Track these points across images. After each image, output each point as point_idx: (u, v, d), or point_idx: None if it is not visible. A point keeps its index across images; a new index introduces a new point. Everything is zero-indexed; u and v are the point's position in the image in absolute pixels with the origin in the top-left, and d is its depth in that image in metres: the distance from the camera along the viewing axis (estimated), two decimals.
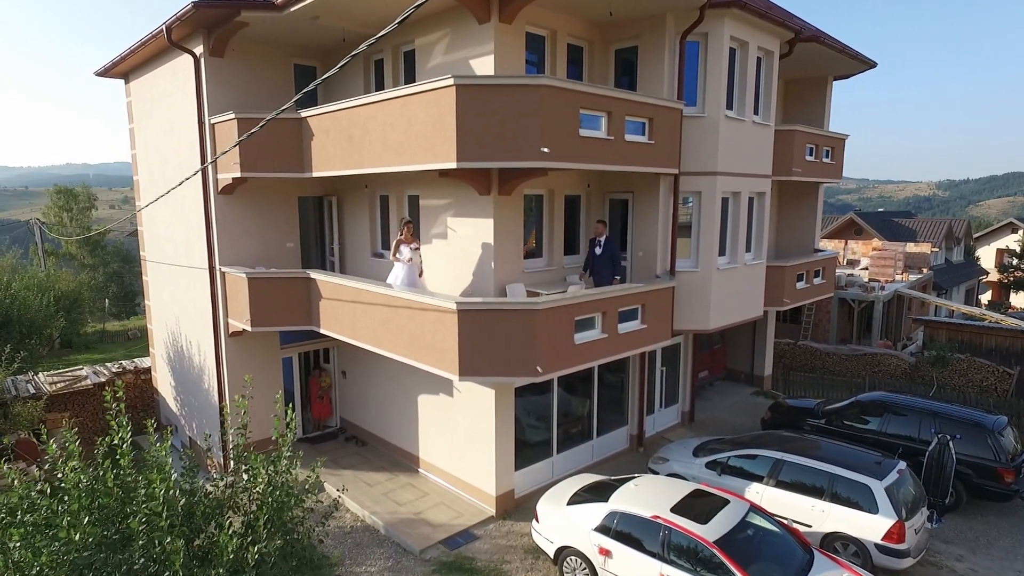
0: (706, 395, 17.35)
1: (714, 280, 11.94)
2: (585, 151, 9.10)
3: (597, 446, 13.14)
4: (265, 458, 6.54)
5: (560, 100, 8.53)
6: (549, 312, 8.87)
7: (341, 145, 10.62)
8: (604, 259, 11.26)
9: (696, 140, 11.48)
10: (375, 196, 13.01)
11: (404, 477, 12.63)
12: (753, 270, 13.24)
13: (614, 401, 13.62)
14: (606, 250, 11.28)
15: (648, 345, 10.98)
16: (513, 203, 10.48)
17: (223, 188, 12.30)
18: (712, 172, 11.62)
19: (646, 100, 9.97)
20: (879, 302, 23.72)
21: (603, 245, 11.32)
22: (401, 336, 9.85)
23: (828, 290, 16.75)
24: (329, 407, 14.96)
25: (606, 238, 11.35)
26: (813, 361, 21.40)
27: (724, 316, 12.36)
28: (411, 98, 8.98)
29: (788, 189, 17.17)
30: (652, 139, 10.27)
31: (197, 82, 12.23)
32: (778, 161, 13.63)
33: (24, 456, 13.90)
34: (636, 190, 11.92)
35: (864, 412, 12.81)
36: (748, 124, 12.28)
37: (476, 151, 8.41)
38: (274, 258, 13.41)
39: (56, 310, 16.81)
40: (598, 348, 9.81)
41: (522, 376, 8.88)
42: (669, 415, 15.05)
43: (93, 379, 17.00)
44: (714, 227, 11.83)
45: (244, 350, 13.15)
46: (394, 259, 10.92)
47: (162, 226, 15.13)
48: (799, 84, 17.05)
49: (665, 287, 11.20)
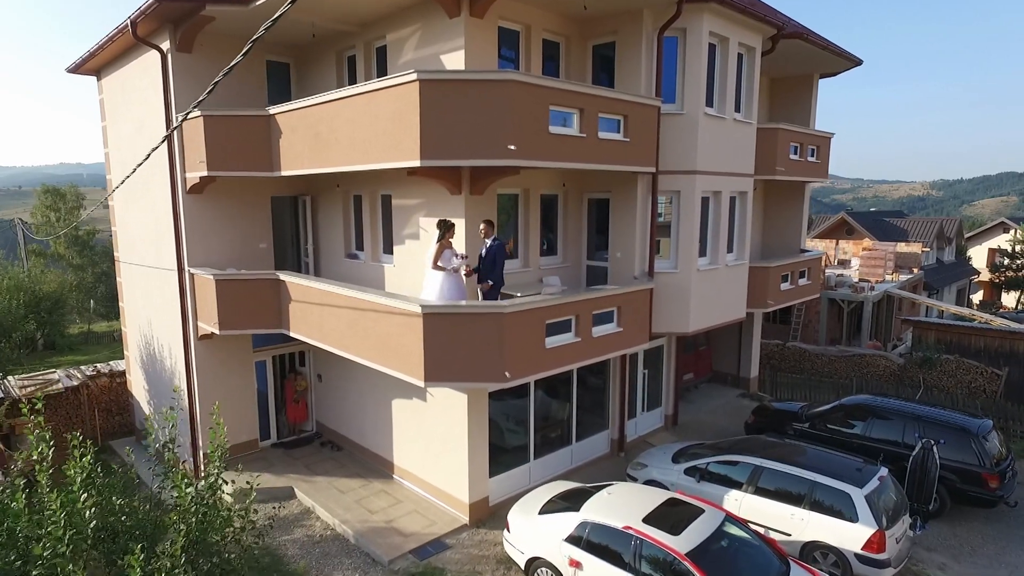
0: (691, 398, 17.09)
1: (694, 281, 11.67)
2: (556, 149, 8.82)
3: (576, 451, 12.86)
4: (192, 475, 6.08)
5: (529, 96, 8.24)
6: (517, 316, 8.59)
7: (308, 143, 10.32)
8: (486, 263, 9.64)
9: (675, 138, 11.21)
10: (348, 196, 12.70)
11: (378, 484, 12.33)
12: (735, 271, 12.99)
13: (595, 404, 13.35)
14: (488, 254, 9.66)
15: (624, 348, 10.71)
16: (486, 203, 10.19)
17: (191, 187, 11.98)
18: (691, 171, 11.35)
19: (620, 97, 9.70)
20: (868, 302, 23.50)
21: (488, 248, 9.69)
22: (368, 340, 9.55)
23: (814, 291, 16.52)
24: (305, 411, 14.64)
25: (493, 240, 9.68)
26: (802, 363, 21.15)
27: (705, 318, 12.10)
28: (376, 94, 8.68)
29: (774, 188, 16.93)
30: (628, 137, 9.99)
31: (164, 79, 11.90)
32: (761, 160, 13.38)
33: None
34: (614, 189, 11.65)
35: (848, 416, 12.56)
36: (729, 122, 12.02)
37: (441, 149, 8.12)
38: (247, 259, 13.09)
39: (26, 313, 16.28)
40: (571, 352, 9.53)
41: (489, 381, 8.59)
42: (652, 419, 14.78)
43: (66, 383, 16.62)
44: (694, 227, 11.56)
45: (214, 354, 12.83)
46: (435, 268, 9.28)
47: (133, 226, 14.79)
48: (784, 83, 16.82)
49: (642, 289, 10.93)
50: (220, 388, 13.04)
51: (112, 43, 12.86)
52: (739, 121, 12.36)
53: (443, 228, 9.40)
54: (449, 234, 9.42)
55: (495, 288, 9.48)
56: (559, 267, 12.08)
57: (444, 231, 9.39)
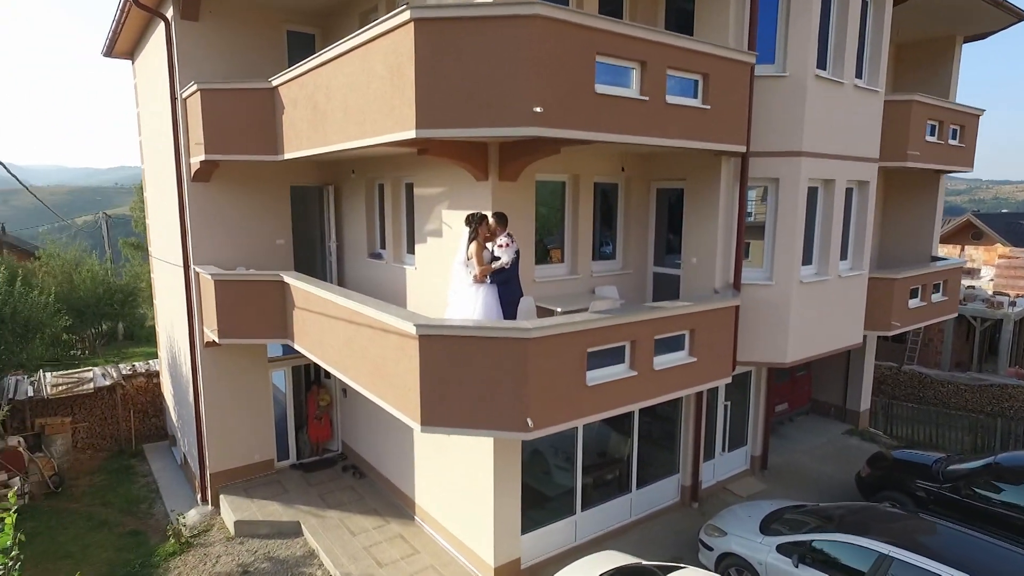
0: (784, 433, 14.16)
1: (795, 297, 8.96)
2: (605, 116, 6.47)
3: (637, 501, 10.42)
4: None
5: (563, 39, 5.95)
6: (546, 342, 6.32)
7: (308, 118, 8.49)
8: (511, 274, 7.33)
9: (773, 109, 8.56)
10: (372, 185, 10.86)
11: (396, 525, 10.41)
12: (850, 283, 10.09)
13: (661, 441, 10.84)
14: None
15: (697, 385, 8.17)
16: (519, 191, 8.00)
17: (195, 174, 10.50)
18: (795, 152, 8.64)
19: (698, 47, 7.20)
20: (1008, 320, 19.43)
21: (504, 252, 7.27)
22: (364, 362, 7.58)
23: (950, 309, 13.14)
24: (329, 429, 12.98)
25: (511, 242, 7.28)
26: (922, 390, 17.65)
27: (808, 345, 9.34)
28: (370, 47, 6.67)
29: (898, 179, 13.65)
30: (708, 103, 7.48)
31: (168, 49, 10.49)
32: (888, 141, 10.38)
33: (8, 467, 12.79)
34: (690, 176, 9.12)
35: (1004, 479, 9.41)
36: (848, 89, 9.19)
37: (443, 114, 5.98)
38: (262, 258, 11.54)
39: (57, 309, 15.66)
40: (622, 391, 7.15)
41: (504, 430, 6.37)
42: (734, 460, 12.06)
43: (99, 382, 15.84)
44: (796, 226, 8.85)
45: (222, 363, 11.35)
46: (478, 278, 7.15)
47: (157, 219, 13.68)
48: (917, 48, 13.51)
49: (725, 306, 8.34)
50: (230, 401, 11.58)
51: (126, 17, 11.64)
52: (862, 88, 9.49)
53: (475, 222, 7.20)
54: (483, 228, 7.21)
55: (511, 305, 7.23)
56: (617, 274, 9.68)
57: (477, 225, 7.20)
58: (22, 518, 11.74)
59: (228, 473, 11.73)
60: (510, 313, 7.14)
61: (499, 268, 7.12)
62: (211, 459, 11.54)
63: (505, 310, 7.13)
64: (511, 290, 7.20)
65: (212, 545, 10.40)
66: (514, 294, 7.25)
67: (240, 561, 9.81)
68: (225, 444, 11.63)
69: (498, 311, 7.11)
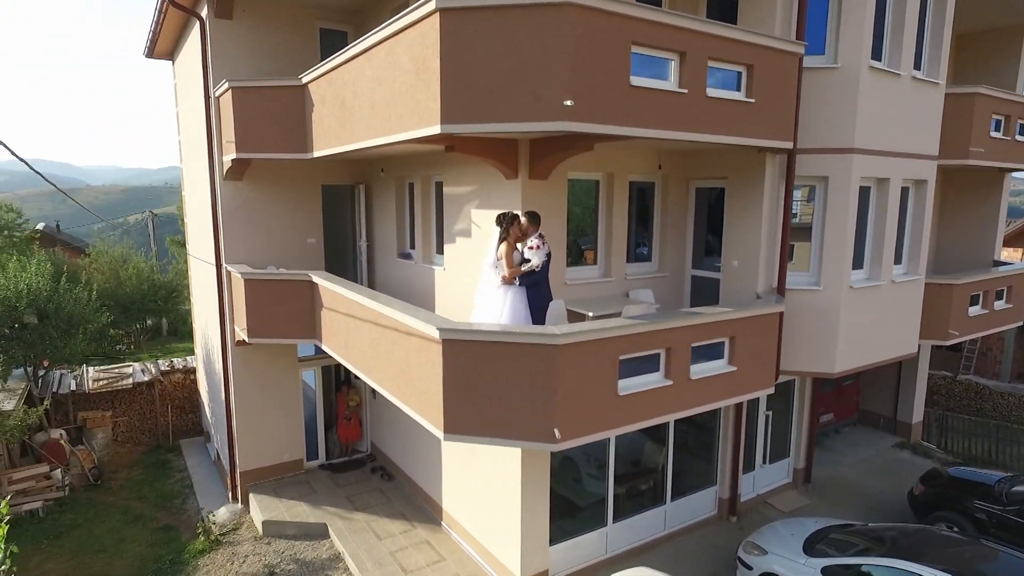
0: (829, 445, 13.48)
1: (844, 303, 8.41)
2: (641, 110, 6.10)
3: (672, 512, 9.99)
4: None
5: (596, 28, 5.61)
6: (576, 348, 5.99)
7: (336, 115, 8.34)
8: (541, 277, 6.97)
9: (822, 102, 8.03)
10: (403, 183, 10.69)
11: (423, 531, 10.21)
12: (905, 289, 9.45)
13: (698, 451, 10.39)
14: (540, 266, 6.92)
15: (737, 396, 7.72)
16: (550, 190, 7.68)
17: (227, 172, 10.50)
18: (846, 149, 8.11)
19: (742, 37, 6.75)
20: None
21: (536, 255, 6.89)
22: (389, 366, 7.38)
23: (1015, 318, 12.25)
24: (358, 429, 12.88)
25: (542, 243, 6.94)
26: (979, 402, 16.66)
27: (858, 354, 8.77)
28: (396, 40, 6.45)
29: (957, 178, 12.82)
30: (752, 96, 7.02)
31: (203, 49, 10.51)
32: (949, 137, 9.68)
33: (50, 459, 13.10)
34: (731, 175, 8.65)
35: None
36: (905, 81, 8.58)
37: (469, 108, 5.71)
38: (293, 257, 11.50)
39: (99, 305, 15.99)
40: (657, 401, 6.76)
41: (531, 441, 6.07)
42: (775, 472, 11.49)
43: (138, 377, 16.16)
44: (846, 228, 8.31)
45: (252, 362, 11.35)
46: (507, 279, 6.81)
47: (193, 216, 13.82)
48: (978, 39, 12.64)
49: (768, 312, 7.85)
50: (260, 400, 11.58)
51: (164, 17, 11.74)
52: (920, 80, 8.86)
53: (505, 222, 6.88)
54: (514, 228, 6.88)
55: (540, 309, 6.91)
56: (653, 277, 9.27)
57: (507, 225, 6.87)
58: (63, 510, 12.09)
59: (258, 472, 11.73)
60: (539, 318, 6.84)
61: (529, 271, 6.83)
62: (241, 457, 11.56)
63: (534, 314, 6.82)
64: (540, 293, 6.89)
65: (240, 544, 10.39)
66: (543, 298, 6.93)
67: (267, 562, 9.76)
68: (255, 443, 11.63)
69: (526, 315, 6.81)
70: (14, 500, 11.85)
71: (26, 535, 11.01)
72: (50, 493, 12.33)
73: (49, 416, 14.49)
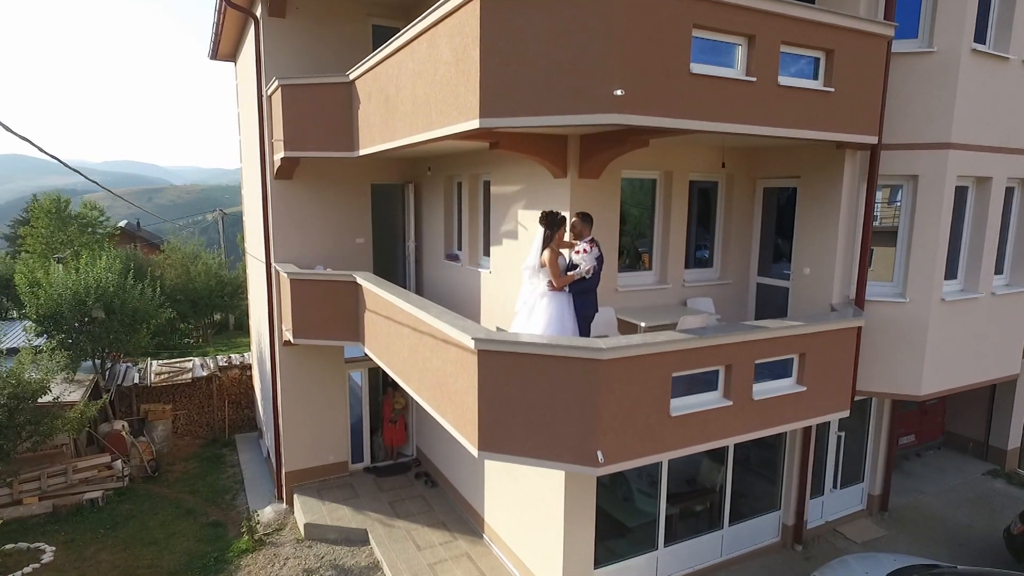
0: (910, 471, 12.29)
1: (935, 317, 7.47)
2: (704, 102, 5.48)
3: (729, 538, 9.24)
4: None
5: (653, 9, 5.04)
6: (624, 363, 5.43)
7: (379, 111, 8.07)
8: (591, 283, 6.42)
9: (915, 92, 7.14)
10: (450, 183, 10.36)
11: (464, 543, 9.85)
12: (1006, 303, 8.37)
13: (761, 472, 9.58)
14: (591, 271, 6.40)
15: (805, 419, 6.93)
16: (602, 189, 7.14)
17: (277, 171, 10.45)
18: (941, 144, 7.18)
19: (821, 18, 6.01)
20: None
21: (588, 258, 6.38)
22: (426, 374, 7.02)
23: None
24: (403, 433, 12.68)
25: (593, 246, 6.45)
26: None
27: (948, 375, 7.80)
28: (436, 30, 6.07)
29: None
30: (831, 85, 6.26)
31: (256, 47, 10.50)
32: None
33: (112, 450, 13.53)
34: (805, 173, 7.84)
35: None
36: (1015, 66, 7.55)
37: (510, 101, 5.26)
38: (341, 257, 11.38)
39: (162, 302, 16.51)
40: (714, 423, 6.11)
41: (571, 464, 5.55)
42: (847, 499, 10.50)
43: (197, 372, 16.57)
44: (939, 233, 7.37)
45: (300, 362, 11.30)
46: (559, 284, 6.26)
47: (248, 215, 13.97)
48: None
49: (845, 327, 7.03)
50: (307, 401, 11.52)
51: (223, 18, 11.86)
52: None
53: (550, 223, 6.28)
54: (560, 232, 6.35)
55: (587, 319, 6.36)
56: (714, 285, 8.55)
57: (554, 228, 6.28)
58: (121, 499, 12.43)
59: (303, 472, 11.68)
60: (585, 328, 6.30)
61: (579, 277, 6.28)
62: (287, 458, 11.54)
63: (580, 324, 6.29)
64: (587, 302, 6.34)
65: (282, 546, 10.32)
66: (591, 307, 6.39)
67: (306, 566, 9.63)
68: (301, 443, 11.59)
69: (573, 326, 6.28)
70: (77, 489, 12.29)
71: (86, 523, 11.33)
72: (110, 483, 12.69)
73: (114, 408, 15.02)
